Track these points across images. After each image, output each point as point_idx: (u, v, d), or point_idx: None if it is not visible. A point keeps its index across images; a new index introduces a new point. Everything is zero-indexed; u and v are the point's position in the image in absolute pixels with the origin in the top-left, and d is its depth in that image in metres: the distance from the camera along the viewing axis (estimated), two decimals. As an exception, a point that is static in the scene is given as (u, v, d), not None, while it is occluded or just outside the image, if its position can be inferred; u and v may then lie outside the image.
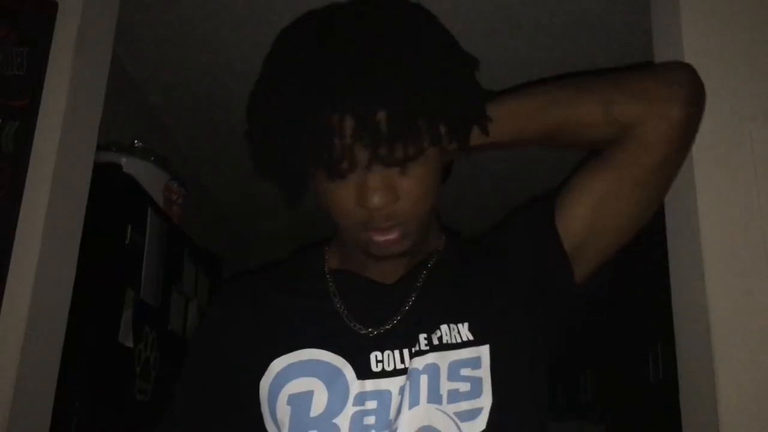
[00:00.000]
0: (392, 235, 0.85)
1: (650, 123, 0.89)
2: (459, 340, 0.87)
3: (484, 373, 0.85)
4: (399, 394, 0.84)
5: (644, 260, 1.88)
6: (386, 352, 0.87)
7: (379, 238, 0.85)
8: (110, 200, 1.62)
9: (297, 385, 0.86)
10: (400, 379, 0.85)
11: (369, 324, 0.90)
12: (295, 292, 0.95)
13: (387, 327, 0.89)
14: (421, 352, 0.85)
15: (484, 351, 0.86)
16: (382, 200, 0.81)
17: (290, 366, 0.87)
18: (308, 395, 0.85)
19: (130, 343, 1.65)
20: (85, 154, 1.47)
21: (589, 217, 0.91)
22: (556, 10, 1.95)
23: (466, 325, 0.88)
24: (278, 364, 0.88)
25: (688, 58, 1.26)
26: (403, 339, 0.87)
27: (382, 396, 0.84)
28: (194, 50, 2.20)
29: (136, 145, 1.99)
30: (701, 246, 1.17)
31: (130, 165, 1.84)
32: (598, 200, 0.91)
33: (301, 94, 0.80)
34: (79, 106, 1.42)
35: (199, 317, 2.21)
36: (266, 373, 0.88)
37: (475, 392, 0.84)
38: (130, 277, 1.69)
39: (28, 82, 1.35)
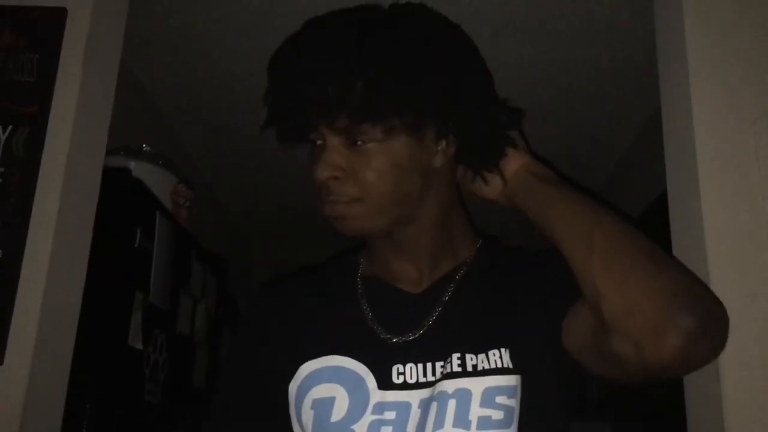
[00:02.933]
0: (334, 212, 0.87)
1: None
2: (498, 366, 0.85)
3: (517, 403, 0.84)
4: (419, 407, 0.84)
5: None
6: (408, 365, 0.87)
7: (325, 208, 0.88)
8: (119, 204, 1.64)
9: (321, 391, 0.88)
10: (421, 392, 0.85)
11: (392, 331, 0.90)
12: (327, 297, 0.97)
13: (410, 337, 0.89)
14: (453, 375, 0.85)
15: (519, 380, 0.84)
16: (322, 172, 0.85)
17: (317, 371, 0.89)
18: (330, 401, 0.87)
19: (139, 346, 1.67)
20: (95, 158, 1.49)
21: (577, 353, 0.85)
22: (559, 12, 1.95)
23: (507, 352, 0.85)
24: (306, 369, 0.89)
25: (691, 60, 1.27)
26: (426, 353, 0.87)
27: (401, 407, 0.85)
28: (201, 55, 2.22)
29: (144, 149, 2.00)
30: (705, 247, 1.18)
31: (138, 169, 1.86)
32: (588, 354, 0.84)
33: (290, 56, 0.89)
34: (89, 112, 1.43)
35: (207, 318, 2.22)
36: (295, 377, 0.90)
37: (507, 422, 0.83)
38: (139, 280, 1.71)
39: (38, 88, 1.37)
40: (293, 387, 0.90)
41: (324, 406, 0.87)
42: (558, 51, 2.13)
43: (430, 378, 0.86)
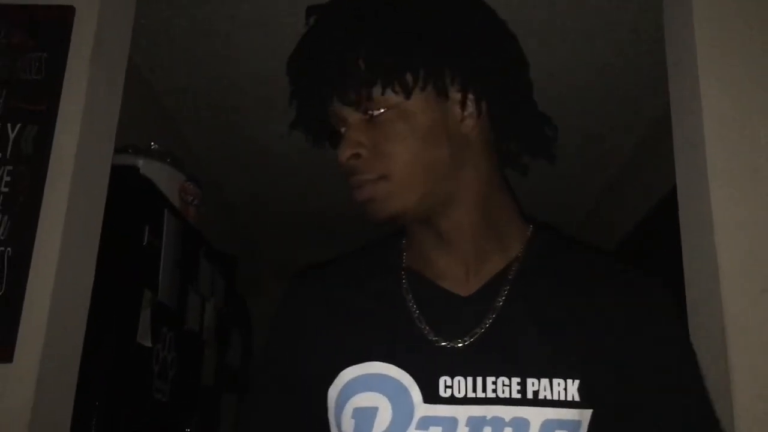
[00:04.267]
0: (363, 196, 0.82)
1: None
2: (562, 398, 0.78)
3: None
4: (466, 424, 0.79)
5: (657, 256, 1.87)
6: (457, 378, 0.80)
7: (354, 193, 0.83)
8: (128, 202, 1.65)
9: (363, 399, 0.82)
10: (468, 408, 0.79)
11: (440, 334, 0.83)
12: (369, 292, 0.90)
13: (459, 344, 0.82)
14: (512, 401, 0.78)
15: (585, 415, 0.78)
16: (343, 152, 0.81)
17: (358, 378, 0.83)
18: (373, 411, 0.81)
19: (148, 343, 1.67)
20: (103, 156, 1.50)
21: None
22: (567, 10, 1.95)
23: (576, 383, 0.78)
24: (347, 375, 0.84)
25: (700, 57, 1.26)
26: (477, 365, 0.81)
27: (448, 423, 0.79)
28: (208, 54, 2.22)
29: (152, 147, 2.01)
30: (715, 243, 1.18)
31: (147, 167, 1.86)
32: None
33: (297, 54, 0.87)
34: (97, 110, 1.44)
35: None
36: (335, 382, 0.84)
37: None
38: (147, 278, 1.71)
39: (46, 86, 1.37)
40: (333, 393, 0.84)
41: (365, 416, 0.82)
42: (566, 49, 2.13)
43: (480, 394, 0.79)
